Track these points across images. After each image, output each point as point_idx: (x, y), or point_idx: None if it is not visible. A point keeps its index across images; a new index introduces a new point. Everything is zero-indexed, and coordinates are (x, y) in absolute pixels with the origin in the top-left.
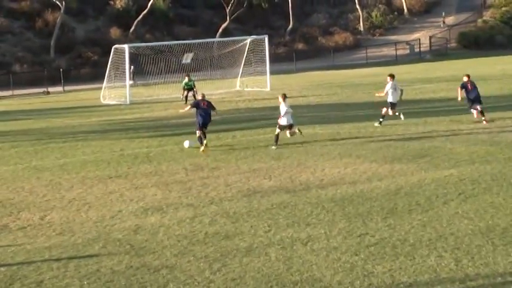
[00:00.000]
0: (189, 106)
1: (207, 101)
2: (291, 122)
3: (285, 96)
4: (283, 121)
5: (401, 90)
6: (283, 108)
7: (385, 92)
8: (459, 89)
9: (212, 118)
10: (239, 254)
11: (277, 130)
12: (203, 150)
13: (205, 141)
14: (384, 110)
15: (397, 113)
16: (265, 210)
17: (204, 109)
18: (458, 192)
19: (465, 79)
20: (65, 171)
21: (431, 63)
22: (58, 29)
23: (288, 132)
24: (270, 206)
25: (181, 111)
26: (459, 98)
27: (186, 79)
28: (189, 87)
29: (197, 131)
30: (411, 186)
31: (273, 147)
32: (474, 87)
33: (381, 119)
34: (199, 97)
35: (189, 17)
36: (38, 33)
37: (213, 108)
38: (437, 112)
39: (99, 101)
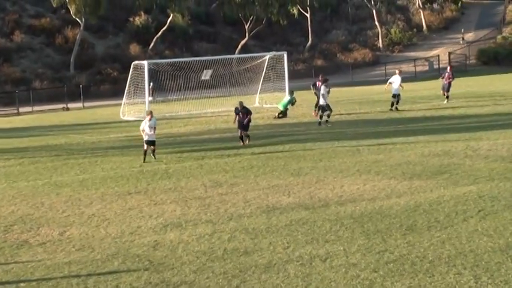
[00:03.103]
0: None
1: (245, 112)
2: (152, 138)
3: (151, 113)
4: (145, 137)
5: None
6: (146, 124)
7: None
8: None
9: (231, 134)
10: (258, 271)
11: (144, 145)
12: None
13: (247, 142)
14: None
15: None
16: (284, 226)
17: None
18: (477, 209)
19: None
20: (84, 187)
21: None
22: (78, 46)
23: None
24: (289, 222)
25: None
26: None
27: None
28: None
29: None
30: (430, 203)
31: (152, 155)
32: None
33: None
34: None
35: (208, 34)
36: (57, 49)
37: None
38: (456, 129)
39: (118, 117)
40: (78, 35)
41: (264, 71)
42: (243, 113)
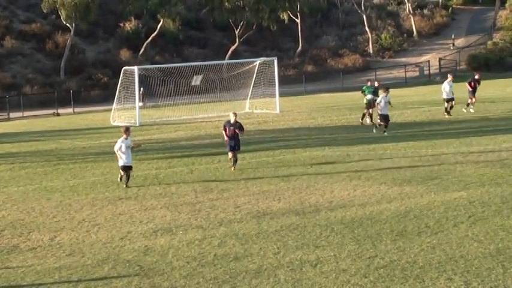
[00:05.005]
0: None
1: (237, 126)
2: (129, 163)
3: (127, 130)
4: (120, 161)
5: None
6: (123, 143)
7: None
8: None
9: (221, 140)
10: (248, 276)
11: (121, 172)
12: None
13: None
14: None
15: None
16: (275, 232)
17: (232, 134)
18: (468, 214)
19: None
20: (74, 192)
21: (441, 86)
22: (68, 51)
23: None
24: (279, 227)
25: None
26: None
27: (369, 83)
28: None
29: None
30: (420, 208)
31: (124, 185)
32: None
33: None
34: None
35: (199, 39)
36: (48, 54)
37: (241, 130)
38: (447, 134)
39: (109, 122)
40: (69, 40)
41: (254, 76)
42: (234, 128)
